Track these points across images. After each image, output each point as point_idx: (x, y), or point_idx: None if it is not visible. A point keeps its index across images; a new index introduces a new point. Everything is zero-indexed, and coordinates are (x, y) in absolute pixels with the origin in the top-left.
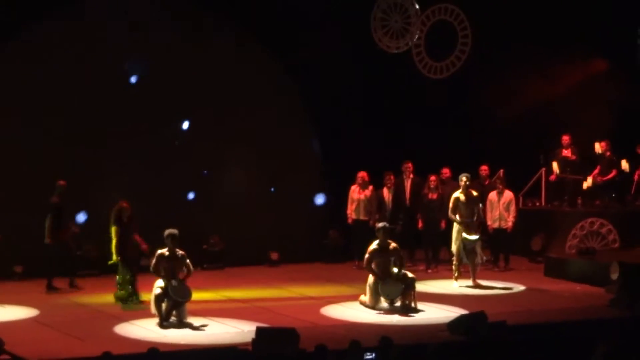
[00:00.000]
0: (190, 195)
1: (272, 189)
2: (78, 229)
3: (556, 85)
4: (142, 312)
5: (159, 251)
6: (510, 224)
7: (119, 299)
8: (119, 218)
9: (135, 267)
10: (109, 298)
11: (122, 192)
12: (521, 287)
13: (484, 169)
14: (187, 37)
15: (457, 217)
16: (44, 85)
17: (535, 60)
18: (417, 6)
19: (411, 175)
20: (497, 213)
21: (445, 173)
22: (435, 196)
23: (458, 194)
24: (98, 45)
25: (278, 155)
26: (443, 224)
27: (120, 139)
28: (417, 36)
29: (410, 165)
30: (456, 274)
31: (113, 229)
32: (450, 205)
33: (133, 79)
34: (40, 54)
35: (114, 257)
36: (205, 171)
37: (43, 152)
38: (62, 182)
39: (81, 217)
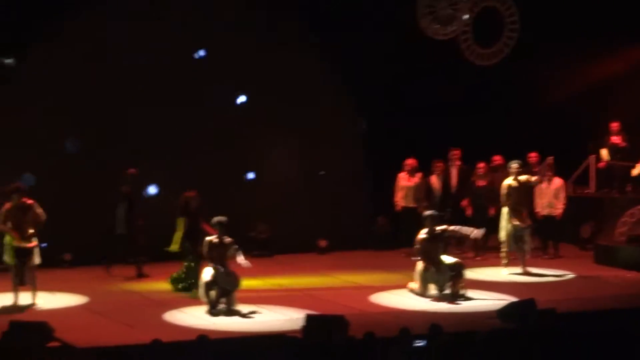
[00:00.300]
0: (250, 175)
1: (322, 172)
2: (143, 220)
3: (605, 71)
4: (191, 299)
5: (208, 238)
6: (559, 211)
7: (181, 288)
8: (186, 208)
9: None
10: (157, 285)
11: (168, 181)
12: (571, 275)
13: (533, 156)
14: (231, 25)
15: (509, 204)
16: (85, 76)
17: (584, 46)
18: None
19: (458, 163)
20: (547, 200)
21: (497, 160)
22: (484, 183)
23: (509, 181)
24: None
25: (325, 143)
26: (492, 211)
27: (164, 127)
28: (464, 23)
29: (457, 152)
30: (505, 262)
31: (179, 220)
32: (503, 192)
33: (201, 53)
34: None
35: (175, 246)
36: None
37: (88, 143)
38: (132, 171)
39: (153, 190)
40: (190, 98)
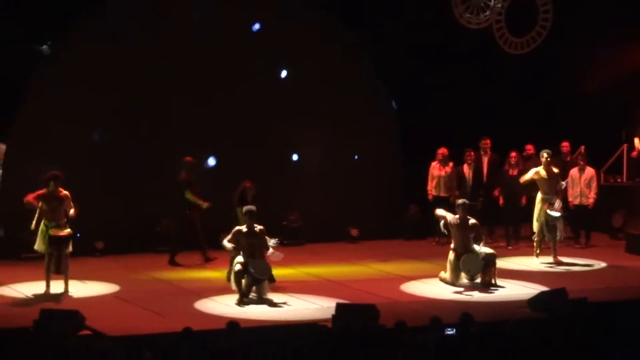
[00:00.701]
0: (295, 157)
1: (356, 157)
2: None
3: (638, 61)
4: (222, 288)
5: (237, 228)
6: (591, 200)
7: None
8: (243, 198)
9: None
10: (188, 274)
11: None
12: (602, 264)
13: (566, 146)
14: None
15: (540, 192)
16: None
17: (618, 34)
18: None
19: (489, 152)
20: (579, 189)
21: (529, 149)
22: (515, 172)
23: (539, 170)
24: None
25: (357, 132)
26: (524, 200)
27: (201, 116)
28: (497, 12)
29: (488, 141)
30: (537, 251)
31: (238, 210)
32: (527, 175)
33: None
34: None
35: None
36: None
37: (121, 132)
38: (189, 159)
39: (211, 161)
40: (228, 87)
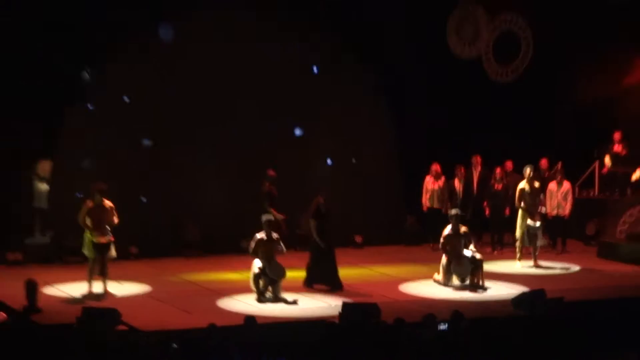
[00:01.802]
0: (329, 161)
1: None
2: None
3: (608, 87)
4: (242, 288)
5: (257, 236)
6: (567, 211)
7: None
8: (317, 211)
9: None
10: (213, 276)
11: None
12: (577, 268)
13: (544, 163)
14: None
15: (522, 205)
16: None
17: (589, 66)
18: (486, 17)
19: (479, 168)
20: (556, 202)
21: (509, 166)
22: (500, 186)
23: (523, 185)
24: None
25: (364, 152)
26: (507, 211)
27: (224, 131)
28: (486, 44)
29: (479, 158)
30: (519, 256)
31: (311, 222)
32: (517, 195)
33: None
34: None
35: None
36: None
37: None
38: (271, 172)
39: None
40: (249, 108)
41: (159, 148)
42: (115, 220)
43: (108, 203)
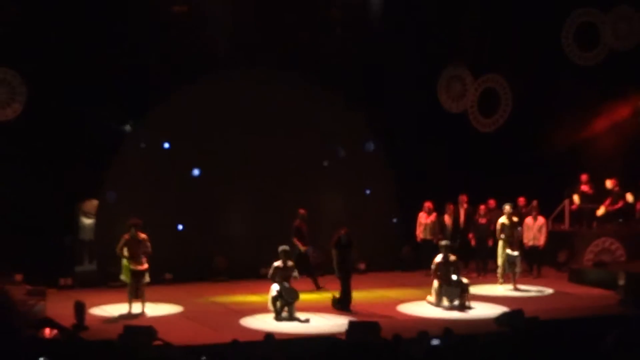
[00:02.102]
0: (367, 191)
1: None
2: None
3: (577, 134)
4: (261, 308)
5: (275, 264)
6: (542, 242)
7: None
8: (338, 243)
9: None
10: (236, 298)
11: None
12: (550, 291)
13: (521, 200)
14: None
15: (502, 237)
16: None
17: (561, 115)
18: (471, 77)
19: (465, 205)
20: (532, 234)
21: (491, 204)
22: (484, 221)
23: (503, 220)
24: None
25: (366, 195)
26: (490, 242)
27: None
28: (471, 99)
29: (465, 197)
30: (501, 280)
31: (333, 251)
32: (498, 228)
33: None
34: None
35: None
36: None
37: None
38: (302, 211)
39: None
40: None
41: (192, 190)
42: (149, 249)
43: (142, 235)
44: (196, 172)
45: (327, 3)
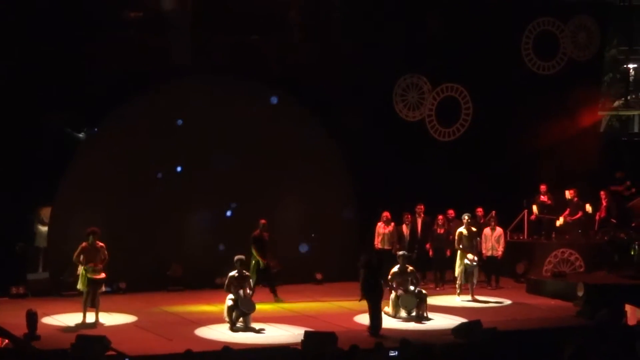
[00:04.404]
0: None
1: (313, 235)
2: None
3: (536, 144)
4: (216, 318)
5: (230, 273)
6: (500, 252)
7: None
8: (368, 263)
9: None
10: (191, 308)
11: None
12: (508, 302)
13: (480, 211)
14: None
15: (461, 247)
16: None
17: (520, 125)
18: (429, 85)
19: (422, 215)
20: (490, 244)
21: (450, 214)
22: (442, 231)
23: (462, 229)
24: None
25: (324, 201)
26: (448, 252)
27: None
28: (429, 108)
29: (422, 207)
30: (458, 291)
31: (361, 272)
32: (456, 238)
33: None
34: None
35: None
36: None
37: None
38: (263, 221)
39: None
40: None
41: (147, 199)
42: (106, 258)
43: (100, 244)
44: (159, 175)
45: (286, 6)
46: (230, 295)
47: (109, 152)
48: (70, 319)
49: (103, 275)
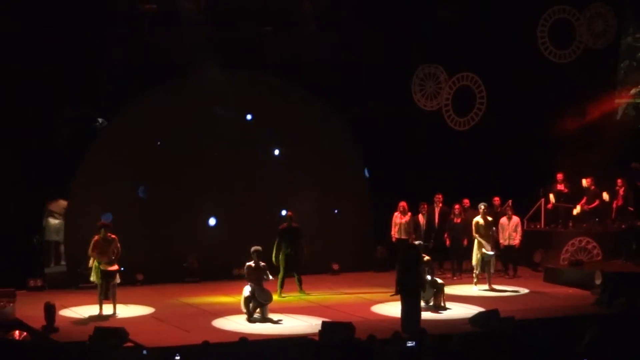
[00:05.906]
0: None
1: (336, 211)
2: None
3: (552, 133)
4: (233, 310)
5: (247, 264)
6: (517, 242)
7: None
8: (407, 256)
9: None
10: (208, 299)
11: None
12: (525, 290)
13: (497, 200)
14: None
15: (478, 236)
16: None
17: (536, 114)
18: (445, 74)
19: (440, 205)
20: (507, 233)
21: (466, 203)
22: (459, 220)
23: (478, 219)
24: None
25: (340, 191)
26: (465, 242)
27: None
28: (445, 97)
29: (440, 196)
30: (475, 280)
31: (397, 266)
32: (473, 227)
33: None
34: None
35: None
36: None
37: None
38: (290, 213)
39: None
40: (236, 160)
41: (165, 193)
42: (119, 250)
43: (112, 236)
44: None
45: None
46: (248, 286)
47: (124, 146)
48: (87, 311)
49: (115, 267)
